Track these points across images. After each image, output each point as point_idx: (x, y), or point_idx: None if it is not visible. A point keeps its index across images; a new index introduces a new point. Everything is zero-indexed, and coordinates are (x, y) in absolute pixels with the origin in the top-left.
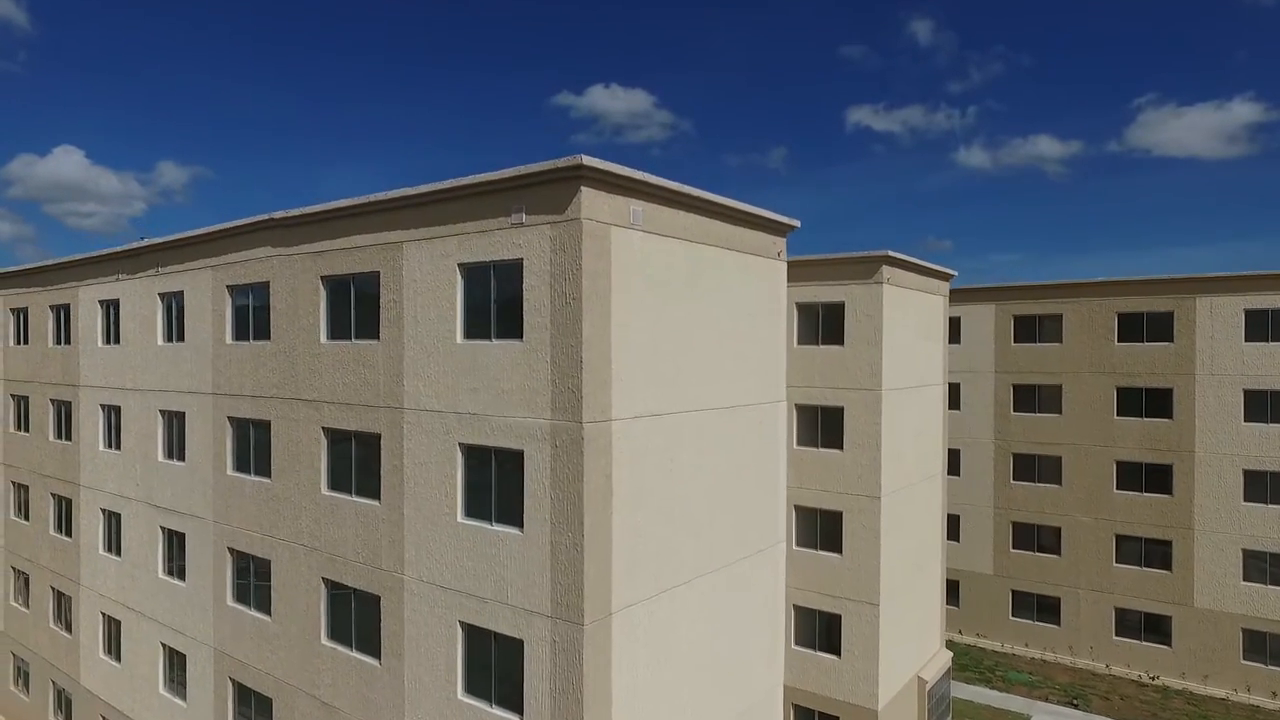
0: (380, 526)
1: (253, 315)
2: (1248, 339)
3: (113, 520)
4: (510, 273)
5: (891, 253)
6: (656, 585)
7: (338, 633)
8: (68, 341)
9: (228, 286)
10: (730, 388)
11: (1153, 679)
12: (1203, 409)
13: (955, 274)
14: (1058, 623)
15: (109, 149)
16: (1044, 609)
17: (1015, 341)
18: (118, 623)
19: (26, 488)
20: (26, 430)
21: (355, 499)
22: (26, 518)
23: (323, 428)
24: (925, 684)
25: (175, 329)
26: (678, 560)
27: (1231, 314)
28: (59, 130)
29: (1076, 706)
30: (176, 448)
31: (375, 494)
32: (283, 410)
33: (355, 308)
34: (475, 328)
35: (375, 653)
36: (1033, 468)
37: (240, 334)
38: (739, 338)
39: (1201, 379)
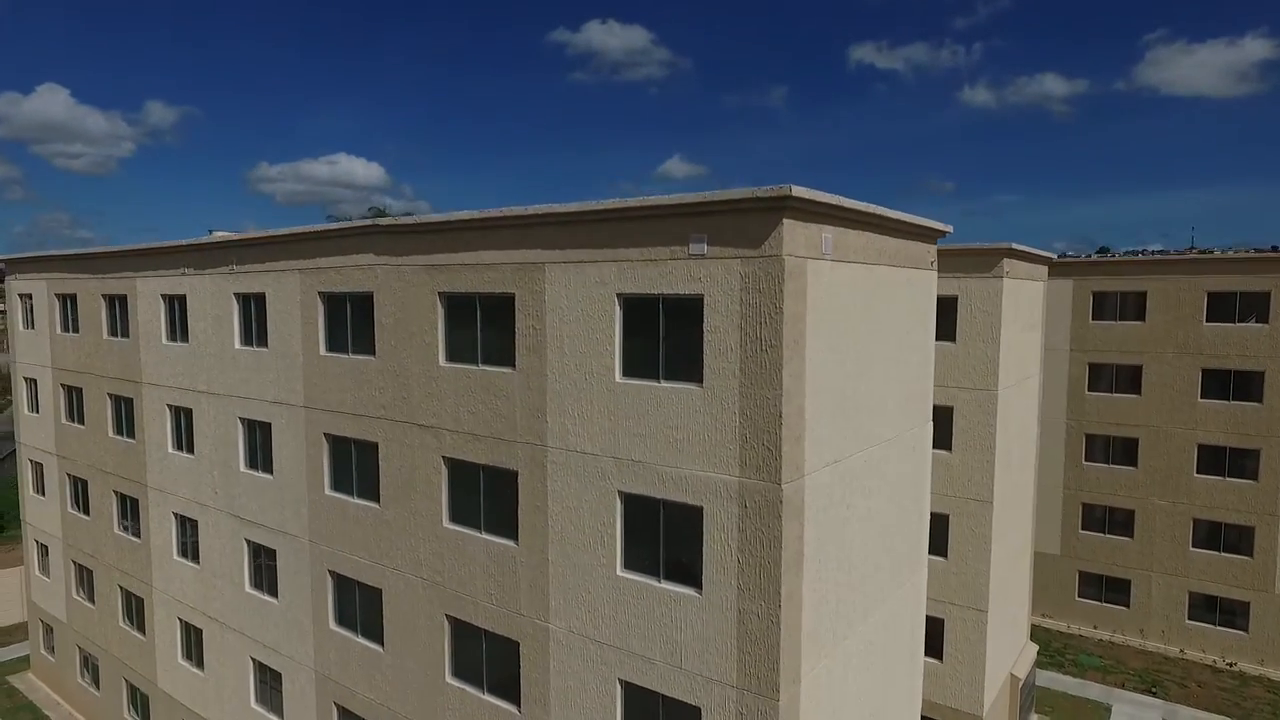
0: (518, 569)
1: (352, 326)
2: None
3: (187, 526)
4: (685, 309)
5: (1015, 245)
6: (833, 642)
7: (465, 673)
8: (125, 335)
9: (320, 293)
10: (891, 415)
11: (1229, 665)
12: None
13: (1055, 257)
14: (1127, 604)
15: (95, 87)
16: (1112, 590)
17: (1093, 319)
18: (198, 631)
19: (85, 482)
20: (81, 423)
21: (485, 536)
22: (86, 512)
23: (443, 457)
24: (1018, 681)
25: (255, 333)
26: (849, 612)
27: None
28: (42, 67)
29: (1155, 694)
30: (261, 459)
31: (511, 534)
32: (393, 433)
33: (483, 331)
34: (638, 366)
35: (514, 700)
36: (1106, 449)
37: (336, 345)
38: (899, 359)
39: None
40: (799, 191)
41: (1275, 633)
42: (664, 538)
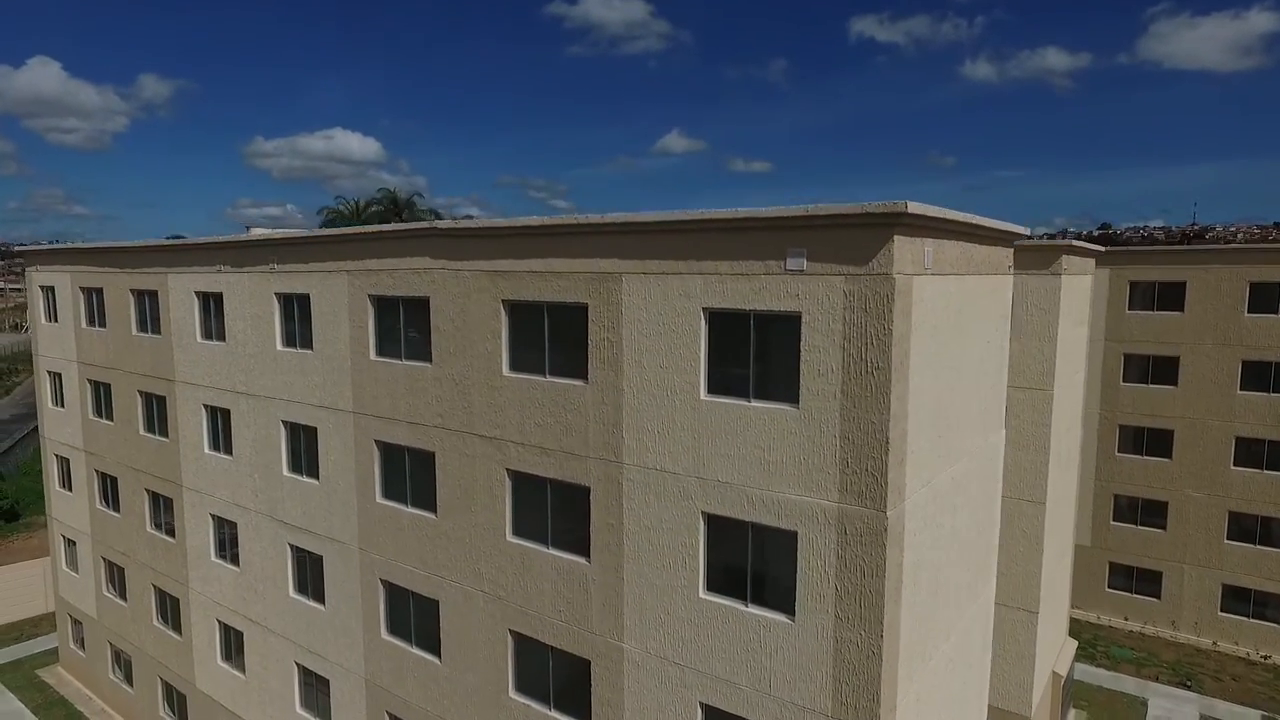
0: (590, 587)
1: (405, 331)
2: None
3: (225, 528)
4: (778, 326)
5: (1075, 242)
6: (922, 665)
7: (529, 688)
8: (156, 331)
9: (371, 296)
10: (973, 426)
11: (1264, 657)
12: None
13: (1103, 250)
14: (1158, 596)
15: (87, 60)
16: (1144, 581)
17: (1130, 309)
18: (239, 633)
19: (114, 479)
20: (110, 419)
21: (552, 552)
22: (117, 509)
23: (507, 469)
24: (1060, 679)
25: (299, 334)
26: (934, 633)
27: None
28: (33, 39)
29: (1189, 688)
30: (306, 463)
31: (582, 551)
32: (451, 443)
33: (551, 341)
34: (725, 384)
35: (583, 717)
36: (1140, 440)
37: (388, 350)
38: (980, 369)
39: None
40: (914, 207)
41: None
42: (751, 561)
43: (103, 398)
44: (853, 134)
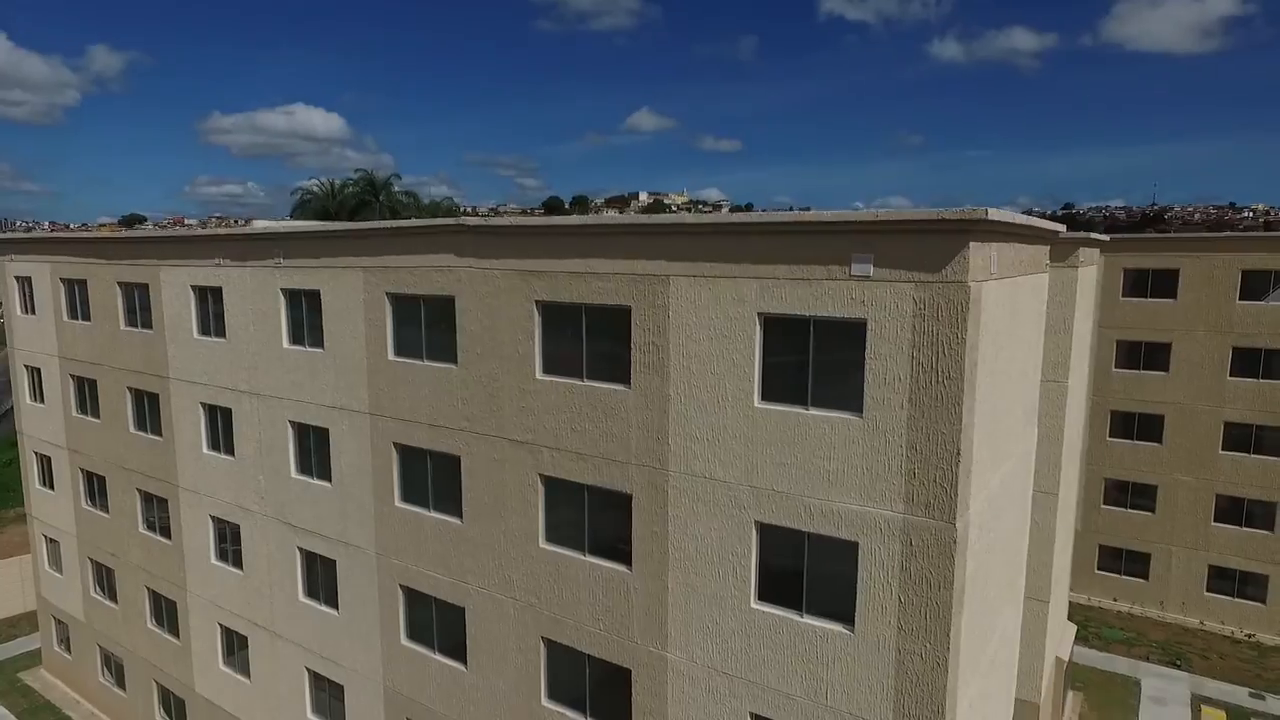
0: (631, 596)
1: (427, 331)
2: None
3: (227, 530)
4: (840, 333)
5: (1093, 235)
6: (972, 671)
7: (564, 696)
8: (147, 326)
9: (389, 294)
10: (1017, 429)
11: (1248, 636)
12: None
13: (1108, 239)
14: (1146, 577)
15: (34, 29)
16: (1132, 563)
17: (1124, 296)
18: (243, 638)
19: (101, 478)
20: (95, 417)
21: (589, 559)
22: (105, 509)
23: (540, 475)
24: (1063, 664)
25: (308, 332)
26: (983, 638)
27: None
28: None
29: (1179, 667)
30: (317, 466)
31: (622, 559)
32: (479, 447)
33: (589, 344)
34: (782, 391)
35: None
36: (1131, 425)
37: (408, 350)
38: (1021, 370)
39: None
40: (995, 214)
41: None
42: (807, 571)
43: (87, 394)
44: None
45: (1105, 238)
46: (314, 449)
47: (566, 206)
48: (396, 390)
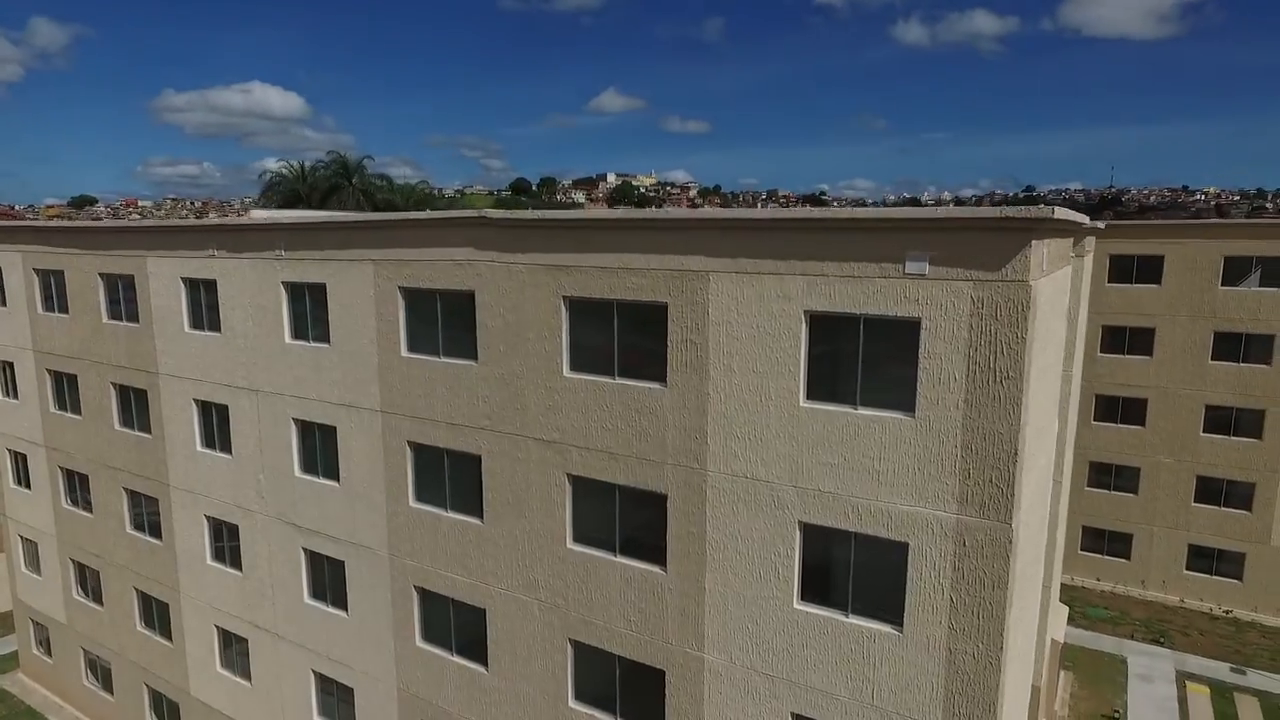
0: (665, 597)
1: (444, 327)
2: None
3: (223, 530)
4: (892, 331)
5: (1098, 223)
6: (1011, 665)
7: (592, 697)
8: (133, 319)
9: (402, 288)
10: (1049, 424)
11: (1226, 612)
12: None
13: (1103, 225)
14: (1128, 557)
15: None
16: (1115, 543)
17: (1109, 282)
18: (242, 640)
19: (85, 477)
20: (76, 413)
21: (621, 560)
22: (88, 509)
23: (568, 474)
24: (1059, 645)
25: (312, 327)
26: (1021, 632)
27: None
28: None
29: (1162, 644)
30: (323, 464)
31: (656, 559)
32: (501, 446)
33: (620, 341)
34: (828, 390)
35: None
36: (1115, 409)
37: (423, 346)
38: (1052, 365)
39: None
40: (1061, 213)
41: (1268, 581)
42: (854, 572)
43: (66, 390)
44: (789, 95)
45: (1100, 224)
46: (320, 447)
47: (534, 188)
48: (410, 388)
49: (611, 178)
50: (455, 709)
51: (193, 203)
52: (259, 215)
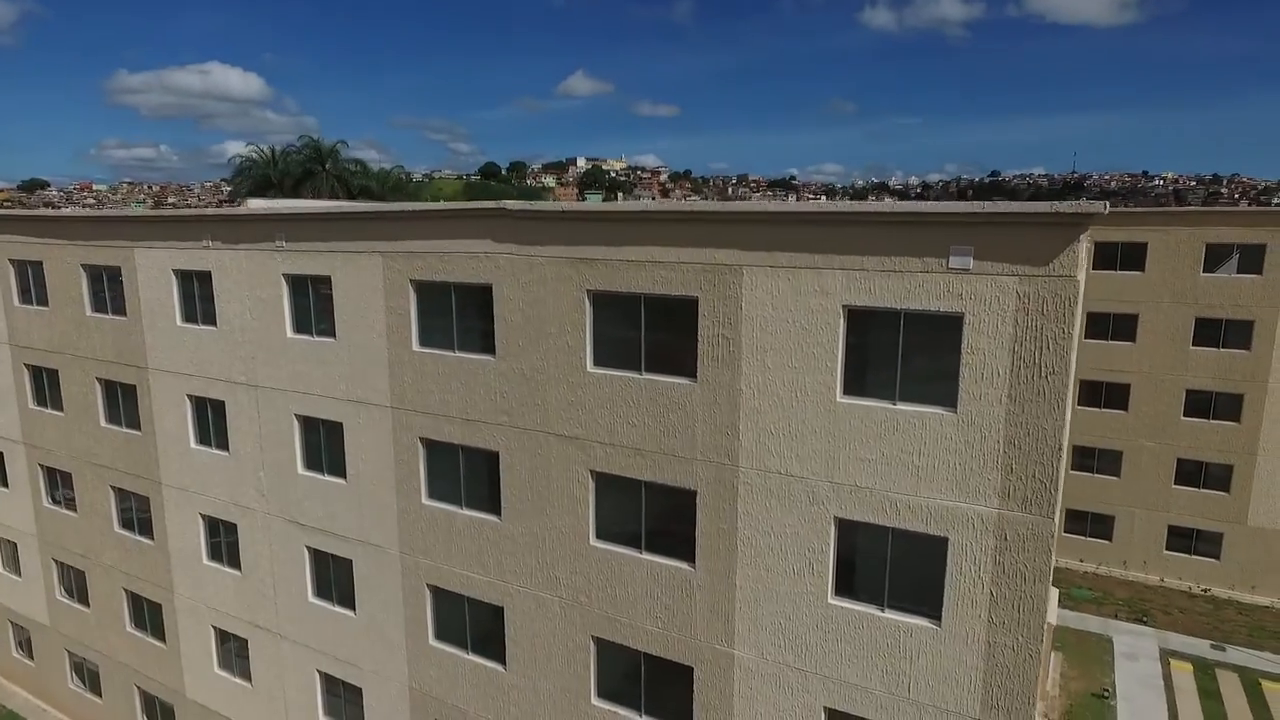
0: (695, 593)
1: (459, 321)
2: None
3: (220, 529)
4: (933, 326)
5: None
6: None
7: (615, 695)
8: (120, 312)
9: (414, 281)
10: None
11: (1204, 590)
12: None
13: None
14: (1110, 538)
15: None
16: (1097, 525)
17: (1094, 269)
18: (241, 640)
19: (68, 475)
20: (58, 409)
21: (646, 557)
22: (72, 509)
23: (591, 471)
24: (1051, 628)
25: (316, 320)
26: None
27: None
28: None
29: (1145, 623)
30: (328, 461)
31: (683, 555)
32: (520, 441)
33: (648, 335)
34: (866, 385)
35: None
36: (1099, 394)
37: (436, 341)
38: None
39: None
40: (1107, 208)
41: (1245, 560)
42: (890, 566)
43: (47, 385)
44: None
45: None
46: (325, 444)
47: (503, 172)
48: (423, 383)
49: (581, 162)
50: (471, 707)
51: (150, 187)
52: (257, 205)
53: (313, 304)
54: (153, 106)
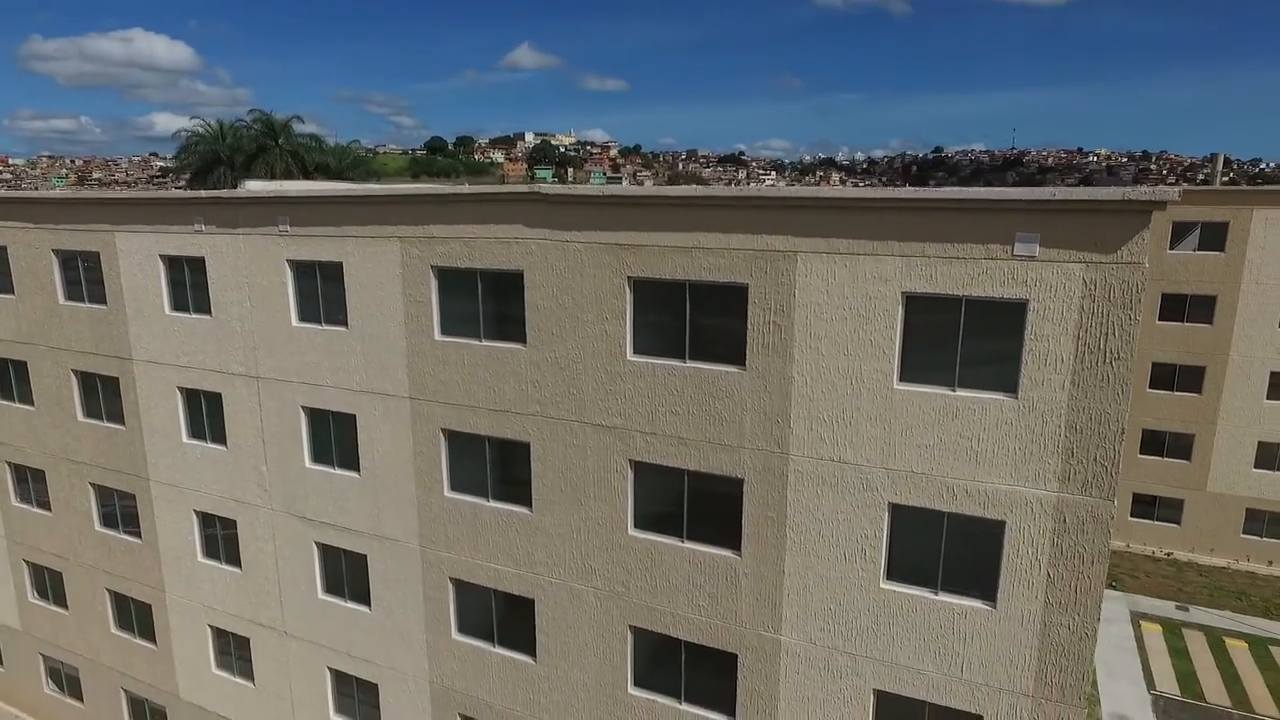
0: (740, 581)
1: (485, 308)
2: None
3: (217, 525)
4: (996, 313)
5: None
6: None
7: (654, 684)
8: (99, 300)
9: (435, 268)
10: None
11: (1166, 554)
12: (1243, 316)
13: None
14: None
15: None
16: None
17: None
18: (242, 639)
19: (40, 473)
20: (27, 403)
21: (688, 545)
22: (46, 507)
23: (630, 460)
24: None
25: (325, 309)
26: None
27: None
28: None
29: (1114, 587)
30: (339, 455)
31: (729, 544)
32: (554, 432)
33: (692, 323)
34: (924, 372)
35: (724, 709)
36: None
37: (460, 330)
38: None
39: (1247, 287)
40: (1176, 193)
41: (1204, 524)
42: (945, 550)
43: (14, 378)
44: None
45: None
46: (335, 437)
47: (450, 146)
48: (445, 373)
49: (530, 137)
50: (499, 700)
51: (72, 161)
52: (255, 186)
53: (321, 291)
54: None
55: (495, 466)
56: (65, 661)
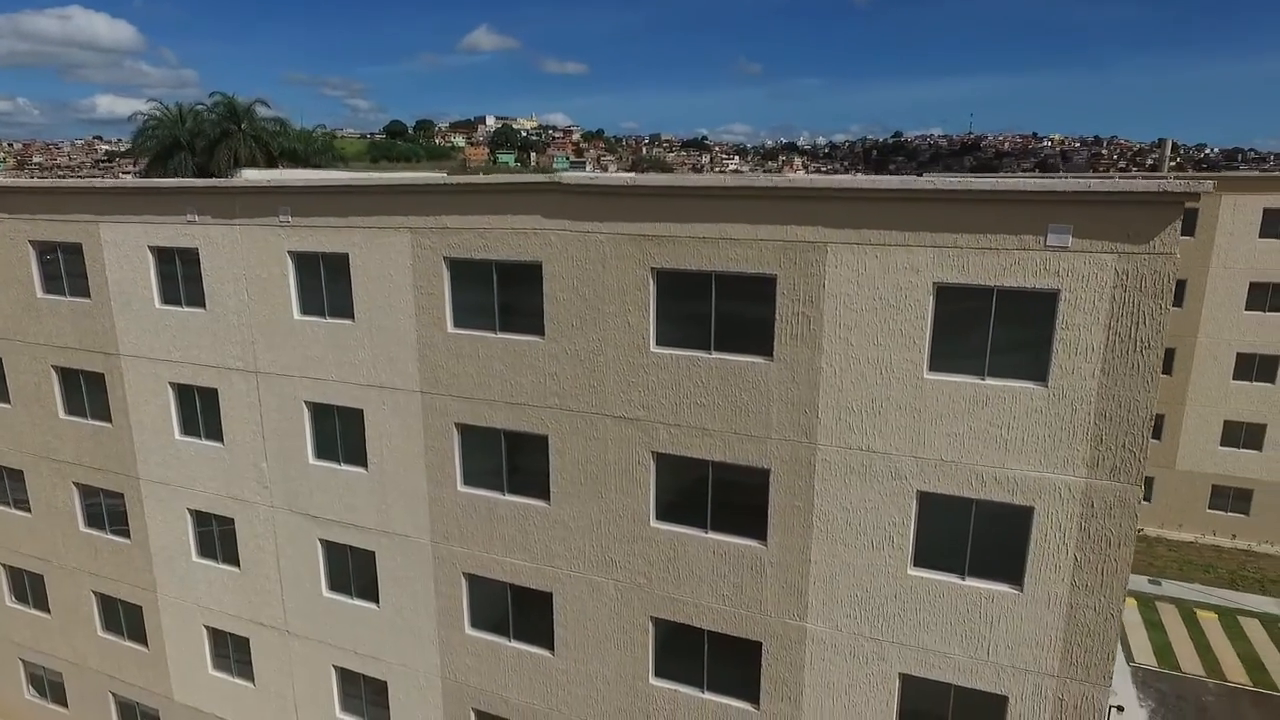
0: (765, 570)
1: (500, 300)
2: (1261, 235)
3: (213, 523)
4: (1026, 303)
5: None
6: None
7: (676, 673)
8: (82, 294)
9: (448, 259)
10: None
11: (1138, 530)
12: (1211, 299)
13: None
14: None
15: None
16: None
17: None
18: (241, 639)
19: (18, 472)
20: (4, 402)
21: (711, 535)
22: (25, 509)
23: (653, 452)
24: None
25: (330, 302)
26: None
27: (1251, 211)
28: None
29: None
30: (345, 450)
31: (753, 533)
32: (573, 425)
33: (717, 311)
34: (954, 361)
35: (748, 697)
36: None
37: (474, 322)
38: None
39: (1215, 272)
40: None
41: (1173, 501)
42: (973, 536)
43: None
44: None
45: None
46: (341, 432)
47: (410, 130)
48: (459, 366)
49: (491, 121)
50: (515, 695)
51: (11, 145)
52: (252, 175)
53: (325, 283)
54: (3, 54)
55: (511, 459)
56: (48, 666)
